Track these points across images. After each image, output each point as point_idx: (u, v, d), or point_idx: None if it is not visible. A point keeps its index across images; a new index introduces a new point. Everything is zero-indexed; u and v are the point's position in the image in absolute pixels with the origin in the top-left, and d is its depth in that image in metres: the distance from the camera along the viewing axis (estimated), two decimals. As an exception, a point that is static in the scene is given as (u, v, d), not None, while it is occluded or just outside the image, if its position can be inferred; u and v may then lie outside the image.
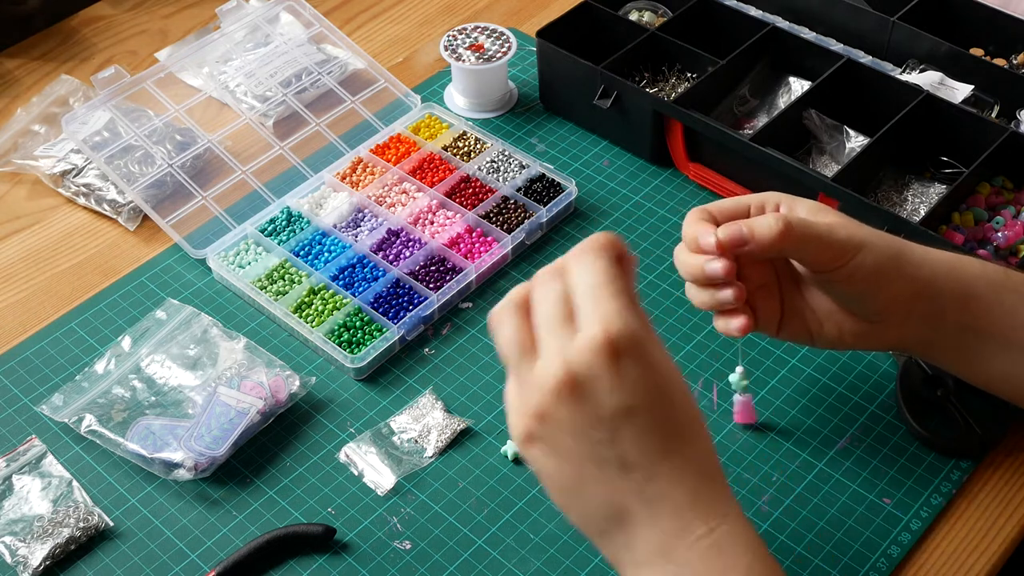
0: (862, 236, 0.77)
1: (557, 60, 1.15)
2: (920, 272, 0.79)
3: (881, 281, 0.78)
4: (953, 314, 0.80)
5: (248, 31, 1.22)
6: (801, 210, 0.79)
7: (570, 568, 0.83)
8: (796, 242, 0.75)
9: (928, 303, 0.79)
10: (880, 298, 0.79)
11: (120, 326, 1.00)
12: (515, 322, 0.65)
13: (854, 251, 0.76)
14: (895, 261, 0.78)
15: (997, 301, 0.80)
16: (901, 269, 0.78)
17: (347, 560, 0.84)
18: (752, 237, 0.75)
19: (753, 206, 0.80)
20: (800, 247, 0.76)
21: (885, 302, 0.79)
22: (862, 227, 0.79)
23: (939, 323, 0.80)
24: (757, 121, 1.15)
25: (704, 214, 0.79)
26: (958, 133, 1.06)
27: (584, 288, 0.63)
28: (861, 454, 0.89)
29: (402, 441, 0.91)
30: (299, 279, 1.02)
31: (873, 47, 1.19)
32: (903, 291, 0.79)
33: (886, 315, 0.80)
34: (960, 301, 0.80)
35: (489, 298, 1.03)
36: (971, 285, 0.80)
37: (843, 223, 0.78)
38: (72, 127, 1.09)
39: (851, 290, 0.79)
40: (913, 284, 0.79)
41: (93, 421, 0.90)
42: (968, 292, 0.80)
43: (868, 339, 0.82)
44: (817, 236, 0.76)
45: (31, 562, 0.83)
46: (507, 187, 1.09)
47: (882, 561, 0.83)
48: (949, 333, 0.81)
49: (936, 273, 0.79)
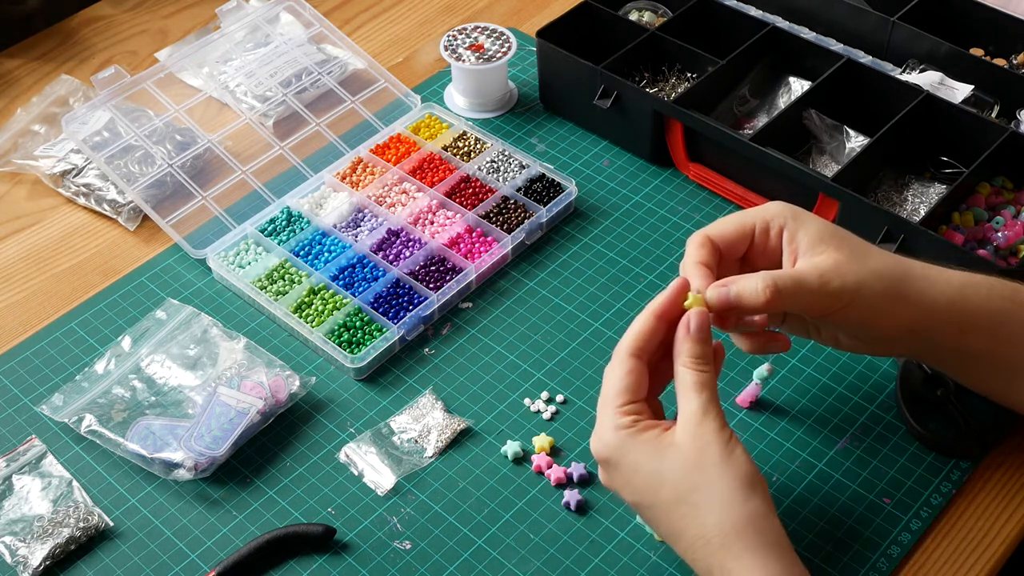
0: (855, 284, 0.76)
1: (557, 60, 1.15)
2: (918, 309, 0.78)
3: (875, 318, 0.78)
4: (950, 342, 0.80)
5: (248, 31, 1.22)
6: (804, 237, 0.78)
7: (570, 568, 0.83)
8: (785, 302, 0.76)
9: (924, 334, 0.79)
10: (873, 329, 0.79)
11: (120, 326, 1.00)
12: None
13: (847, 299, 0.76)
14: (890, 300, 0.77)
15: (998, 332, 0.80)
16: (896, 307, 0.78)
17: (347, 560, 0.84)
18: (739, 303, 0.75)
19: (758, 229, 0.80)
20: (789, 304, 0.77)
21: (879, 332, 0.79)
22: (865, 262, 0.77)
23: (935, 348, 0.81)
24: (757, 121, 1.15)
25: (705, 241, 0.79)
26: (958, 133, 1.06)
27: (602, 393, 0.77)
28: (861, 454, 0.89)
29: (402, 441, 0.91)
30: (299, 279, 1.02)
31: (873, 47, 1.19)
32: (898, 325, 0.78)
33: (880, 340, 0.81)
34: (957, 332, 0.79)
35: (489, 298, 1.03)
36: (972, 316, 0.79)
37: (840, 265, 0.77)
38: (72, 127, 1.09)
39: (843, 326, 0.79)
40: (909, 319, 0.78)
41: (93, 421, 0.90)
42: (967, 324, 0.79)
43: (863, 351, 0.83)
44: (807, 292, 0.76)
45: (31, 562, 0.83)
46: (507, 187, 1.09)
47: (882, 561, 0.83)
48: (946, 355, 0.82)
49: (935, 308, 0.79)
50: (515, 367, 0.97)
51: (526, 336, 0.99)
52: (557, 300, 1.02)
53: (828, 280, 0.76)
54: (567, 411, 0.93)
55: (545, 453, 0.90)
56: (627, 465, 0.74)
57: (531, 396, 0.94)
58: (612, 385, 0.75)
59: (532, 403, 0.94)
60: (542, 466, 0.89)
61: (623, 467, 0.74)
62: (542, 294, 1.03)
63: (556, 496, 0.87)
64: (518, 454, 0.90)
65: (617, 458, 0.74)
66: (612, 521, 0.86)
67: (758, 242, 0.80)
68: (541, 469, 0.89)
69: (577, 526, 0.85)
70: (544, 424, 0.92)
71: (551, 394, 0.94)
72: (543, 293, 1.03)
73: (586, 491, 0.87)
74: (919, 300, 0.78)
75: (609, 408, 0.75)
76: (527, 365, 0.97)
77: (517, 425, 0.92)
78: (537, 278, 1.04)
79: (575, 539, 0.85)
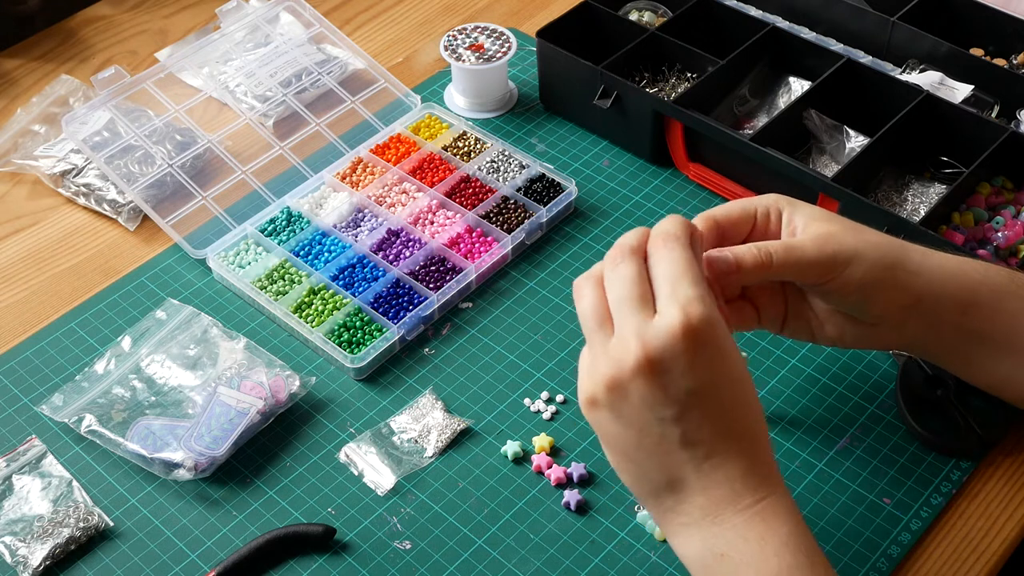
0: (852, 249, 0.77)
1: (557, 60, 1.15)
2: (917, 280, 0.79)
3: (875, 290, 0.78)
4: (952, 320, 0.80)
5: (248, 31, 1.22)
6: (801, 217, 0.79)
7: (570, 568, 0.83)
8: (779, 269, 0.76)
9: (926, 310, 0.79)
10: (875, 305, 0.79)
11: (120, 326, 1.00)
12: (595, 294, 0.71)
13: (843, 265, 0.76)
14: (889, 271, 0.78)
15: (999, 307, 0.80)
16: (896, 278, 0.78)
17: (347, 560, 0.84)
18: (738, 264, 0.75)
19: (759, 213, 0.80)
20: (784, 272, 0.77)
21: (881, 308, 0.79)
22: (861, 235, 0.78)
23: (938, 328, 0.81)
24: (757, 121, 1.15)
25: (710, 222, 0.79)
26: (958, 133, 1.06)
27: (664, 273, 0.69)
28: (861, 454, 0.89)
29: (402, 441, 0.91)
30: (299, 279, 1.02)
31: (873, 47, 1.19)
32: (899, 299, 0.78)
33: (883, 319, 0.80)
34: (959, 308, 0.79)
35: (489, 298, 1.03)
36: (972, 291, 0.80)
37: (835, 233, 0.77)
38: (72, 127, 1.09)
39: (845, 298, 0.79)
40: (909, 292, 0.78)
41: (93, 421, 0.90)
42: (968, 299, 0.79)
43: (868, 340, 0.82)
44: (802, 256, 0.76)
45: (31, 562, 0.83)
46: (507, 187, 1.09)
47: (882, 561, 0.83)
48: (949, 337, 0.81)
49: (934, 281, 0.79)
50: (515, 367, 0.97)
51: (526, 336, 0.99)
52: (557, 300, 1.02)
53: (823, 244, 0.76)
54: (567, 411, 0.93)
55: (545, 453, 0.90)
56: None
57: (531, 396, 0.94)
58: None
59: (532, 403, 0.94)
60: (542, 466, 0.89)
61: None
62: (542, 294, 1.03)
63: (556, 496, 0.87)
64: (518, 454, 0.90)
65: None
66: (612, 521, 0.86)
67: (759, 226, 0.80)
68: (541, 469, 0.89)
69: (577, 526, 0.85)
70: (544, 424, 0.92)
71: (551, 394, 0.94)
72: (543, 293, 1.03)
73: (586, 491, 0.87)
74: (919, 270, 0.79)
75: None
76: (527, 365, 0.97)
77: (517, 425, 0.92)
78: (537, 278, 1.04)
79: (575, 539, 0.85)
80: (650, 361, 0.66)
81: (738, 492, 0.68)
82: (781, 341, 0.97)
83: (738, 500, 0.68)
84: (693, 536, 0.69)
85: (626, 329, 0.68)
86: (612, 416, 0.69)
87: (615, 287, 0.70)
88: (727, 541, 0.68)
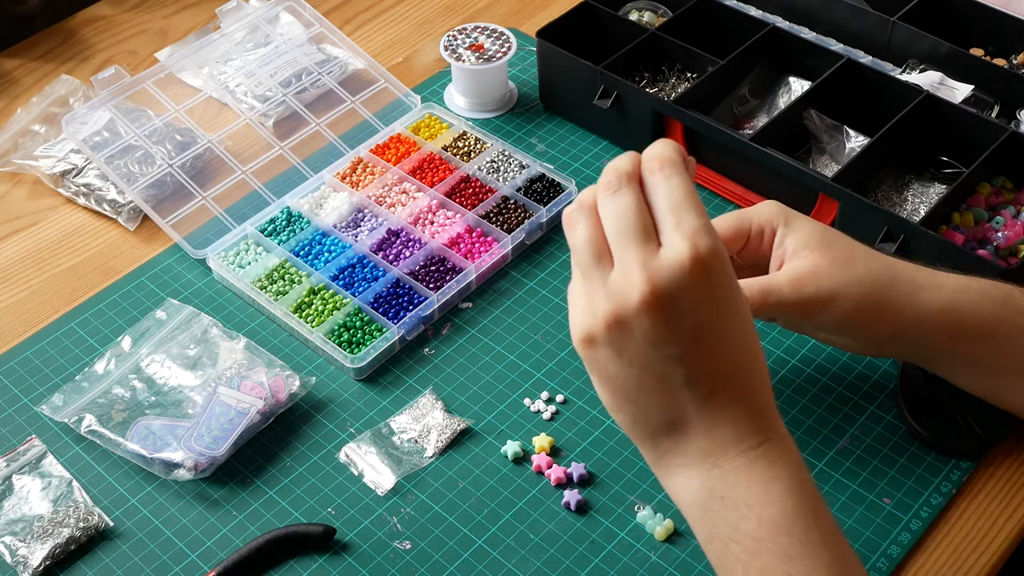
0: (830, 292, 0.76)
1: (557, 60, 1.15)
2: (902, 316, 0.78)
3: (855, 327, 0.78)
4: (941, 347, 0.80)
5: (248, 31, 1.22)
6: (792, 241, 0.79)
7: (570, 568, 0.83)
8: (754, 312, 0.76)
9: (913, 340, 0.79)
10: (856, 336, 0.79)
11: (120, 326, 1.00)
12: (590, 225, 0.65)
13: (820, 306, 0.77)
14: (871, 311, 0.77)
15: (989, 336, 0.80)
16: (880, 314, 0.78)
17: (347, 560, 0.84)
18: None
19: (753, 230, 0.80)
20: (760, 314, 0.77)
21: (863, 337, 0.80)
22: (848, 270, 0.77)
23: (926, 352, 0.81)
24: (757, 121, 1.15)
25: None
26: (958, 133, 1.06)
27: (666, 202, 0.64)
28: (861, 454, 0.89)
29: (402, 441, 0.91)
30: (299, 279, 1.02)
31: (873, 47, 1.19)
32: (883, 331, 0.79)
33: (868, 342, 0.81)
34: (948, 339, 0.79)
35: (489, 298, 1.03)
36: (962, 324, 0.79)
37: (818, 271, 0.77)
38: (72, 127, 1.09)
39: (824, 329, 0.80)
40: (894, 325, 0.78)
41: (93, 421, 0.90)
42: (958, 331, 0.79)
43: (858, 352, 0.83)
44: (776, 303, 0.76)
45: (31, 562, 0.83)
46: (507, 187, 1.09)
47: (882, 561, 0.83)
48: (938, 359, 0.82)
49: (920, 316, 0.79)
50: (515, 367, 0.97)
51: (526, 336, 0.99)
52: (557, 300, 1.02)
53: (801, 287, 0.76)
54: (567, 411, 0.93)
55: (545, 453, 0.90)
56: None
57: (531, 396, 0.94)
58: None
59: (532, 403, 0.94)
60: (542, 466, 0.89)
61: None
62: (542, 294, 1.03)
63: (556, 496, 0.87)
64: (518, 454, 0.90)
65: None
66: (612, 521, 0.86)
67: (752, 243, 0.81)
68: (541, 469, 0.89)
69: (577, 526, 0.85)
70: (544, 424, 0.92)
71: (551, 394, 0.94)
72: (543, 293, 1.03)
73: (586, 491, 0.87)
74: (905, 306, 0.78)
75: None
76: (527, 365, 0.97)
77: (517, 425, 0.92)
78: (537, 278, 1.04)
79: (575, 539, 0.85)
80: (657, 296, 0.62)
81: (741, 433, 0.65)
82: (781, 341, 0.97)
83: (741, 441, 0.65)
84: (692, 478, 0.66)
85: (629, 263, 0.63)
86: (612, 355, 0.65)
87: (614, 218, 0.64)
88: (729, 483, 0.65)
